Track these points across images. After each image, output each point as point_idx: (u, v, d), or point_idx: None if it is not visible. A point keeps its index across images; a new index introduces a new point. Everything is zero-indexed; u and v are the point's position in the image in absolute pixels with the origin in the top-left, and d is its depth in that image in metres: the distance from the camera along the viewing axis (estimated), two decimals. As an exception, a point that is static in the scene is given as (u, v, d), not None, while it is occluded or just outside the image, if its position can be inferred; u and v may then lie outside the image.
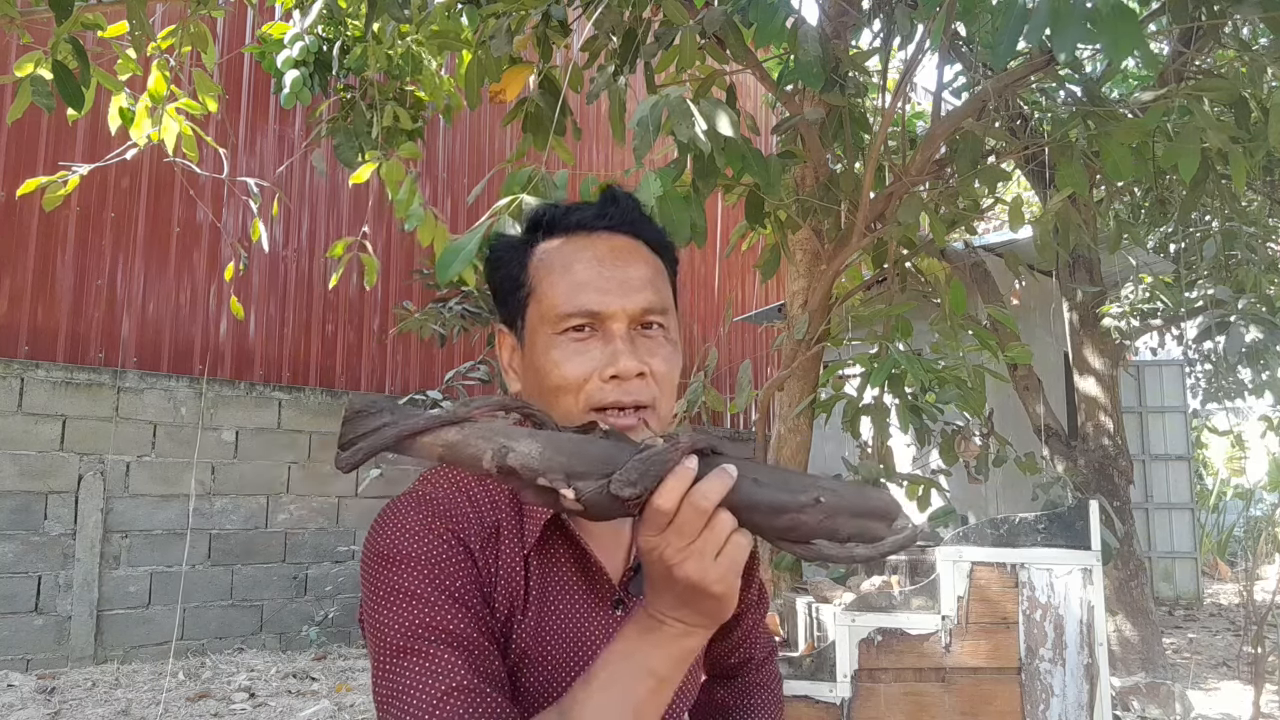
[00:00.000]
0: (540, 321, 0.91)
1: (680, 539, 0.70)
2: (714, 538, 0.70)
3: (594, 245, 0.92)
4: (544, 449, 0.69)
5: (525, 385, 0.94)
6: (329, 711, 4.33)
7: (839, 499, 0.70)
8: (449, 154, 7.03)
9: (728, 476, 0.69)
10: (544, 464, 0.68)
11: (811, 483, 0.70)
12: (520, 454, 0.68)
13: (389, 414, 0.69)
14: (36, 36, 2.90)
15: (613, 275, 0.90)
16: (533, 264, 0.93)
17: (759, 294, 9.07)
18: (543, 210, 0.97)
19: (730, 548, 0.71)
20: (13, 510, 4.82)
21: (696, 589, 0.71)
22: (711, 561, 0.70)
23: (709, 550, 0.70)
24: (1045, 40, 2.25)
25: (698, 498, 0.69)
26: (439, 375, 6.34)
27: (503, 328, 0.98)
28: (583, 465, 0.69)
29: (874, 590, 2.53)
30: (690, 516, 0.69)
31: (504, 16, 2.77)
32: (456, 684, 0.78)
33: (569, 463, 0.69)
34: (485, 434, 0.69)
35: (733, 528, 0.70)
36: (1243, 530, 10.30)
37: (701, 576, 0.71)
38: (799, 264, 3.64)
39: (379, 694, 0.81)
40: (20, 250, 5.07)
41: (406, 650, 0.80)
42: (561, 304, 0.89)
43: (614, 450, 0.70)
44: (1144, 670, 4.64)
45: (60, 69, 2.51)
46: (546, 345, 0.89)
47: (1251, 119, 3.03)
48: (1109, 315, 4.81)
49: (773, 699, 1.15)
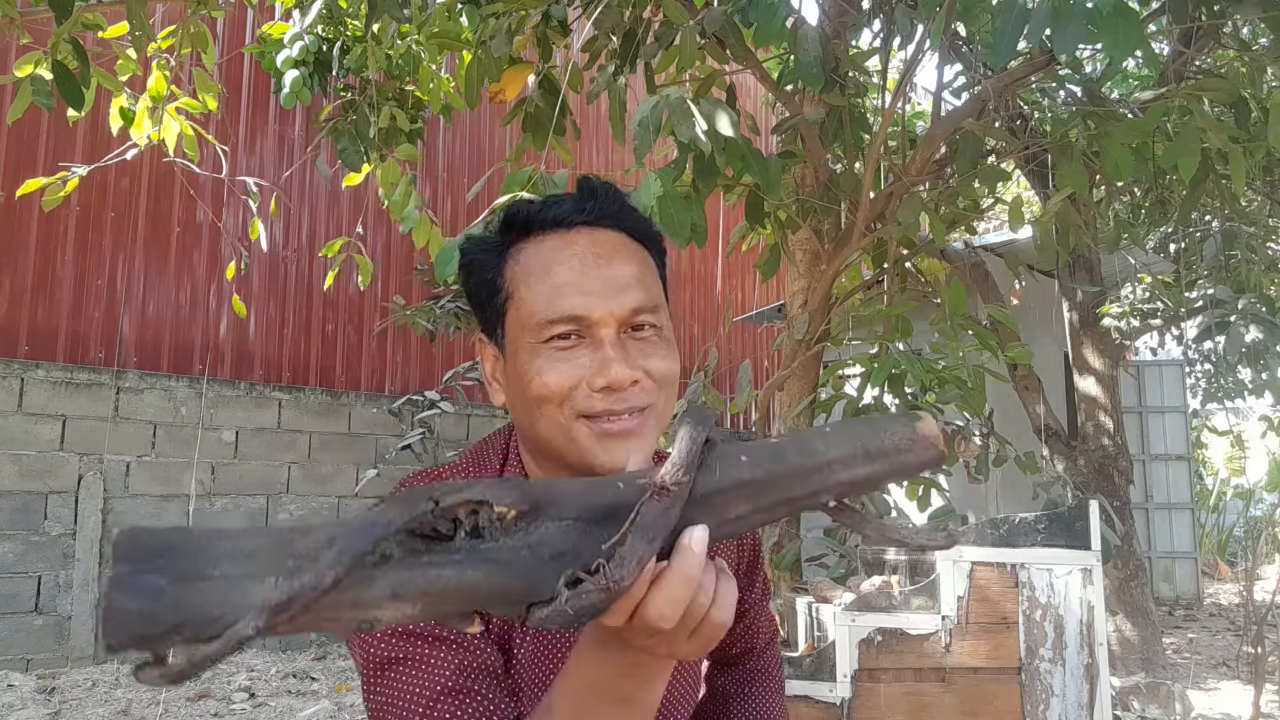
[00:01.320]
0: (521, 330, 0.83)
1: (642, 637, 0.62)
2: (684, 629, 0.62)
3: (574, 243, 0.84)
4: (422, 604, 0.51)
5: (509, 397, 0.87)
6: (329, 711, 4.33)
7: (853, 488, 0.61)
8: (449, 154, 7.03)
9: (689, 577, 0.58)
10: (429, 615, 0.52)
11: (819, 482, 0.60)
12: (391, 619, 0.51)
13: (180, 632, 0.45)
14: (36, 36, 2.89)
15: (597, 275, 0.82)
16: (509, 267, 0.85)
17: (759, 294, 9.07)
18: (516, 208, 0.88)
19: (705, 627, 0.63)
20: (13, 510, 4.82)
21: (670, 660, 0.67)
22: (684, 642, 0.64)
23: (680, 637, 0.63)
24: (1045, 40, 2.25)
25: (654, 619, 0.59)
26: (438, 375, 6.35)
27: (482, 337, 0.90)
28: (484, 600, 0.53)
29: (874, 590, 2.53)
30: (647, 629, 0.61)
31: (504, 16, 2.77)
32: (447, 686, 0.76)
33: (464, 605, 0.53)
34: (330, 614, 0.49)
35: (706, 610, 0.62)
36: (1243, 530, 10.30)
37: (671, 652, 0.65)
38: (799, 264, 3.64)
39: (371, 707, 0.78)
40: (20, 250, 5.07)
41: (394, 659, 0.77)
42: (542, 310, 0.81)
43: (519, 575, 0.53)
44: (1144, 670, 4.64)
45: (60, 69, 2.51)
46: (529, 355, 0.81)
47: (1251, 119, 3.03)
48: (1109, 315, 4.81)
49: (773, 685, 1.12)
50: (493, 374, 0.89)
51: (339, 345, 6.32)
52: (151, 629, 0.44)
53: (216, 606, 0.45)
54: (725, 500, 0.60)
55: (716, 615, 0.63)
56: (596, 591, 0.54)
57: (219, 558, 0.47)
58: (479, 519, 0.53)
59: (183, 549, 0.47)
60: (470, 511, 0.53)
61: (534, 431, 0.84)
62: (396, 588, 0.50)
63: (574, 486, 0.59)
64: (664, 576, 0.58)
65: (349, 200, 6.39)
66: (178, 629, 0.45)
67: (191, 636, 0.45)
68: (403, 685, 0.76)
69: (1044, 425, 4.77)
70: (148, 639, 0.44)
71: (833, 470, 0.61)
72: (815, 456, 0.61)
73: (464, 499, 0.53)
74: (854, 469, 0.61)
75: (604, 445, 0.80)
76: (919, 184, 3.29)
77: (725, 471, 0.60)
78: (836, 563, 3.37)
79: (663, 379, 0.83)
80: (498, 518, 0.53)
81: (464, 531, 0.53)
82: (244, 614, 0.46)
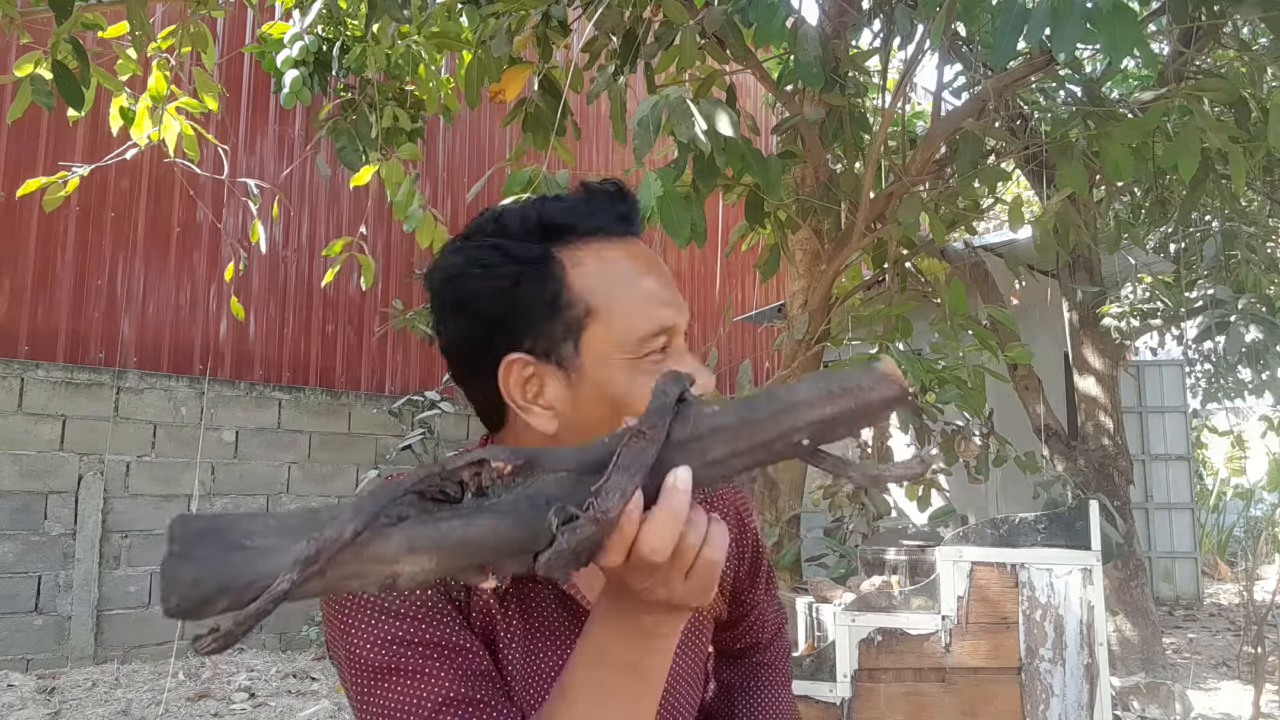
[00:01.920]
0: (614, 346, 0.78)
1: (641, 577, 0.64)
2: (678, 564, 0.64)
3: (636, 253, 0.82)
4: (437, 559, 0.56)
5: (578, 420, 0.79)
6: (329, 711, 4.33)
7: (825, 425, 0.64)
8: (449, 154, 7.03)
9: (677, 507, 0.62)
10: (446, 570, 0.57)
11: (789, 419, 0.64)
12: (410, 575, 0.56)
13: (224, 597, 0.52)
14: (36, 36, 2.90)
15: (669, 286, 0.81)
16: (579, 277, 0.79)
17: (759, 294, 9.07)
18: (550, 213, 0.81)
19: (700, 565, 0.65)
20: (13, 510, 4.82)
21: (668, 607, 0.68)
22: (681, 583, 0.66)
23: (675, 576, 0.65)
24: (1045, 40, 2.25)
25: (647, 553, 0.62)
26: (439, 375, 6.35)
27: (524, 356, 0.79)
28: (492, 552, 0.58)
29: (874, 590, 2.53)
30: (643, 566, 0.63)
31: (504, 16, 2.77)
32: (446, 697, 0.73)
33: (471, 562, 0.57)
34: (354, 570, 0.55)
35: (699, 545, 0.64)
36: (1243, 530, 10.30)
37: (669, 597, 0.66)
38: (799, 264, 3.64)
39: (364, 718, 0.75)
40: (20, 250, 5.07)
41: (386, 669, 0.74)
42: (642, 324, 0.78)
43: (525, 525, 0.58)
44: (1144, 670, 4.64)
45: (60, 69, 2.51)
46: (629, 372, 0.77)
47: (1251, 119, 3.03)
48: (1109, 315, 4.81)
49: (779, 678, 1.11)
50: (533, 398, 0.80)
51: (339, 345, 6.32)
52: (201, 592, 0.52)
53: (255, 570, 0.53)
54: (703, 445, 0.64)
55: (709, 553, 0.65)
56: (588, 524, 0.58)
57: (256, 533, 0.54)
58: (481, 480, 0.59)
59: (225, 529, 0.55)
60: (474, 474, 0.59)
61: None
62: (412, 541, 0.56)
63: (565, 449, 0.64)
64: (653, 512, 0.62)
65: (349, 200, 6.39)
66: (223, 591, 0.52)
67: (235, 599, 0.52)
68: (400, 696, 0.74)
69: (1044, 425, 4.77)
70: (198, 601, 0.52)
71: (802, 410, 0.64)
72: (784, 400, 0.65)
73: (466, 462, 0.59)
74: (822, 407, 0.64)
75: None
76: (919, 184, 3.29)
77: (700, 421, 0.64)
78: (836, 563, 3.38)
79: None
80: (497, 475, 0.59)
81: (470, 493, 0.59)
82: (279, 572, 0.52)
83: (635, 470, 0.61)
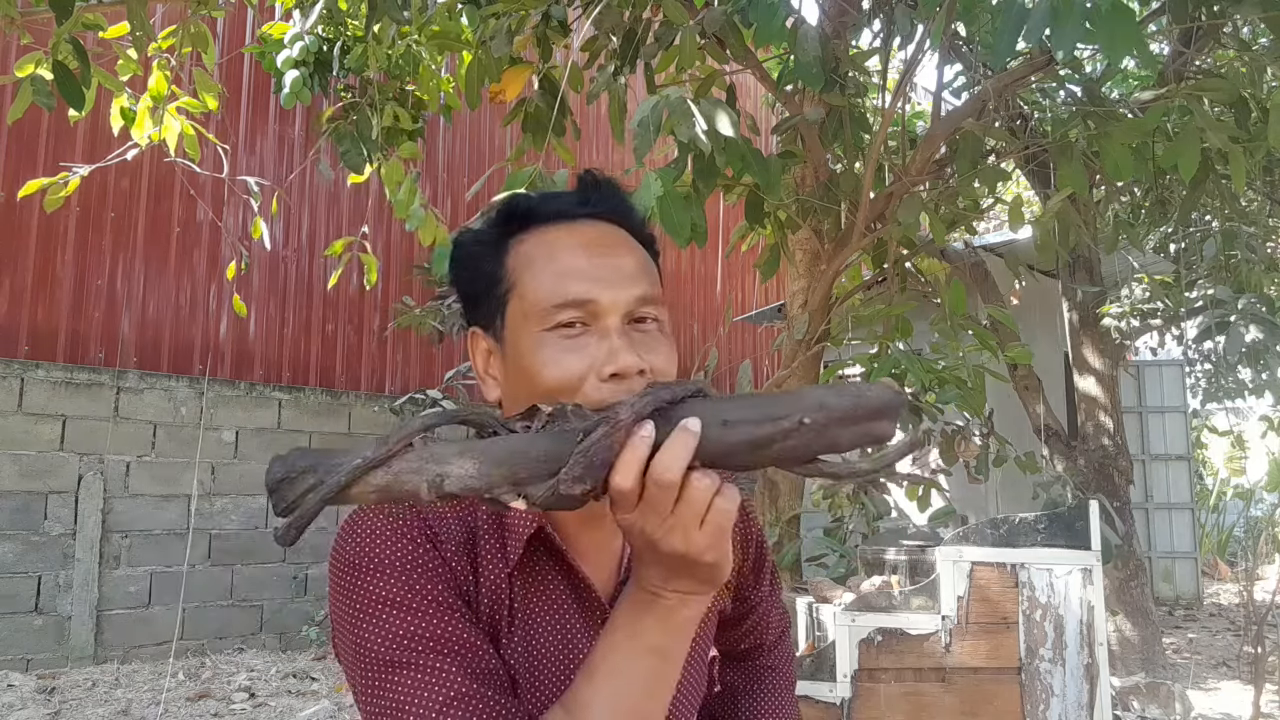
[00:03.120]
0: (524, 319, 0.81)
1: (655, 515, 0.66)
2: (692, 507, 0.66)
3: (579, 232, 0.84)
4: (481, 465, 0.65)
5: (508, 391, 0.85)
6: (329, 711, 4.33)
7: (827, 413, 0.66)
8: (449, 154, 7.03)
9: (689, 437, 0.65)
10: (484, 481, 0.65)
11: (794, 404, 0.66)
12: (457, 478, 0.64)
13: (312, 474, 0.64)
14: (37, 37, 2.90)
15: (603, 263, 0.81)
16: (511, 258, 0.84)
17: (759, 294, 9.07)
18: (517, 199, 0.87)
19: (713, 514, 0.67)
20: (13, 510, 4.82)
21: (686, 560, 0.68)
22: (696, 531, 0.67)
23: (690, 521, 0.67)
24: (1045, 40, 2.25)
25: (659, 471, 0.65)
26: (439, 374, 6.34)
27: (476, 330, 0.88)
28: (526, 470, 0.65)
29: (874, 590, 2.53)
30: (657, 492, 0.65)
31: (504, 17, 2.77)
32: (455, 693, 0.73)
33: (511, 472, 0.65)
34: (414, 467, 0.65)
35: (712, 492, 0.66)
36: (1243, 530, 10.30)
37: (687, 548, 0.67)
38: (799, 264, 3.64)
39: (370, 711, 0.75)
40: (20, 250, 5.07)
41: (395, 663, 0.74)
42: (548, 296, 0.80)
43: (557, 444, 0.66)
44: (1144, 670, 4.64)
45: (61, 69, 2.51)
46: (534, 345, 0.80)
47: (1251, 119, 3.03)
48: (1109, 315, 4.81)
49: (783, 682, 1.10)
50: (486, 369, 0.87)
51: (339, 345, 6.32)
52: (298, 464, 0.65)
53: (339, 459, 0.65)
54: (714, 408, 0.67)
55: (721, 503, 0.67)
56: (601, 425, 0.66)
57: (341, 452, 0.66)
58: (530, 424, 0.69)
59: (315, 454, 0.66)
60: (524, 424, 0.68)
61: None
62: (463, 447, 0.66)
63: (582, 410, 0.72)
64: (666, 440, 0.65)
65: (349, 200, 6.39)
66: (313, 468, 0.65)
67: (321, 475, 0.64)
68: (407, 692, 0.74)
69: (1044, 425, 4.77)
70: (294, 470, 0.64)
71: (804, 396, 0.67)
72: (784, 393, 0.69)
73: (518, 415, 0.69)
74: (823, 395, 0.67)
75: None
76: (919, 184, 3.29)
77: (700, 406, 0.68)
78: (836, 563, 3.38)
79: (664, 376, 0.81)
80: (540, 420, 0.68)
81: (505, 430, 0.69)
82: (354, 460, 0.64)
83: (650, 398, 0.67)
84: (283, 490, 0.64)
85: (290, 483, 0.64)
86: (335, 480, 0.64)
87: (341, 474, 0.64)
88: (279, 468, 0.65)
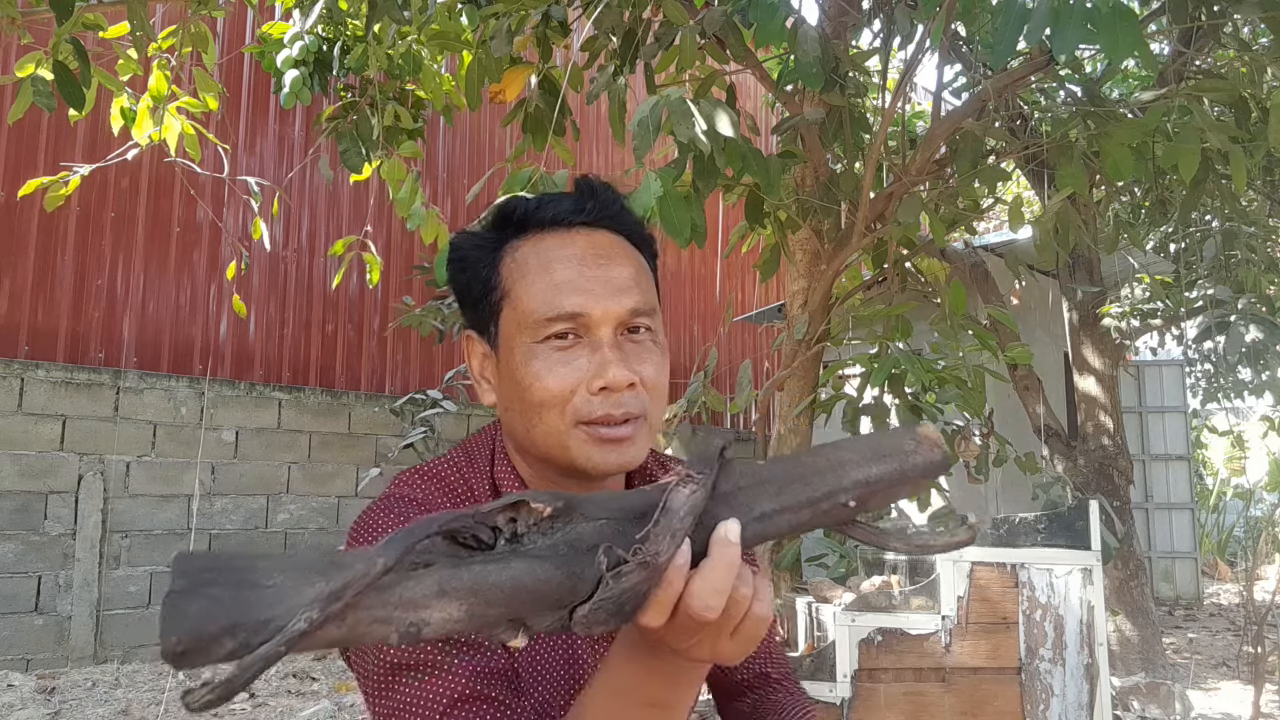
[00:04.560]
0: (517, 329, 0.81)
1: (684, 635, 0.61)
2: (727, 624, 0.61)
3: (573, 242, 0.83)
4: (469, 607, 0.52)
5: (502, 397, 0.85)
6: (329, 711, 4.33)
7: (870, 488, 0.62)
8: (449, 154, 7.03)
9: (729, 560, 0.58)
10: (475, 624, 0.53)
11: (833, 480, 0.61)
12: (438, 624, 0.51)
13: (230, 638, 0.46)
14: (37, 37, 2.90)
15: (596, 275, 0.81)
16: (505, 264, 0.84)
17: (759, 294, 9.07)
18: (513, 204, 0.87)
19: (748, 623, 0.63)
20: (13, 510, 4.82)
21: (711, 661, 0.66)
22: (727, 640, 0.63)
23: (722, 636, 0.62)
24: (1045, 40, 2.25)
25: (699, 608, 0.58)
26: (439, 375, 6.34)
27: (471, 333, 0.88)
28: (528, 606, 0.53)
29: (874, 590, 2.53)
30: (690, 624, 0.60)
31: (504, 17, 2.77)
32: (462, 693, 0.73)
33: (509, 610, 0.53)
34: (379, 615, 0.50)
35: (748, 604, 0.61)
36: (1243, 530, 10.30)
37: (715, 655, 0.64)
38: (799, 264, 3.64)
39: (379, 714, 0.75)
40: (20, 250, 5.07)
41: (403, 665, 0.74)
42: (540, 309, 0.80)
43: (568, 570, 0.54)
44: (1144, 670, 4.64)
45: (61, 69, 2.51)
46: (526, 355, 0.80)
47: (1251, 119, 3.03)
48: (1109, 315, 4.81)
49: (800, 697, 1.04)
50: (481, 372, 0.88)
51: (339, 345, 6.32)
52: (209, 627, 0.46)
53: (270, 608, 0.47)
54: (749, 497, 0.61)
55: (758, 609, 0.63)
56: (636, 569, 0.55)
57: (271, 570, 0.49)
58: (517, 525, 0.55)
59: (235, 566, 0.49)
60: (509, 519, 0.55)
61: (528, 435, 0.83)
62: (443, 583, 0.52)
63: (605, 494, 0.61)
64: (704, 565, 0.59)
65: (349, 200, 6.39)
66: (232, 630, 0.46)
67: (245, 640, 0.46)
68: (414, 692, 0.74)
69: (1044, 425, 4.77)
70: (203, 641, 0.46)
71: (846, 469, 0.62)
72: (828, 458, 0.63)
73: (503, 504, 0.55)
74: (865, 467, 0.63)
75: (599, 450, 0.80)
76: (919, 184, 3.29)
77: (745, 474, 0.62)
78: (836, 563, 3.38)
79: (655, 387, 0.82)
80: (535, 518, 0.55)
81: (504, 539, 0.55)
82: (296, 612, 0.47)
83: (684, 515, 0.57)
84: (190, 660, 0.46)
85: (201, 652, 0.46)
86: (266, 651, 0.46)
87: (274, 641, 0.46)
88: (179, 639, 0.45)
